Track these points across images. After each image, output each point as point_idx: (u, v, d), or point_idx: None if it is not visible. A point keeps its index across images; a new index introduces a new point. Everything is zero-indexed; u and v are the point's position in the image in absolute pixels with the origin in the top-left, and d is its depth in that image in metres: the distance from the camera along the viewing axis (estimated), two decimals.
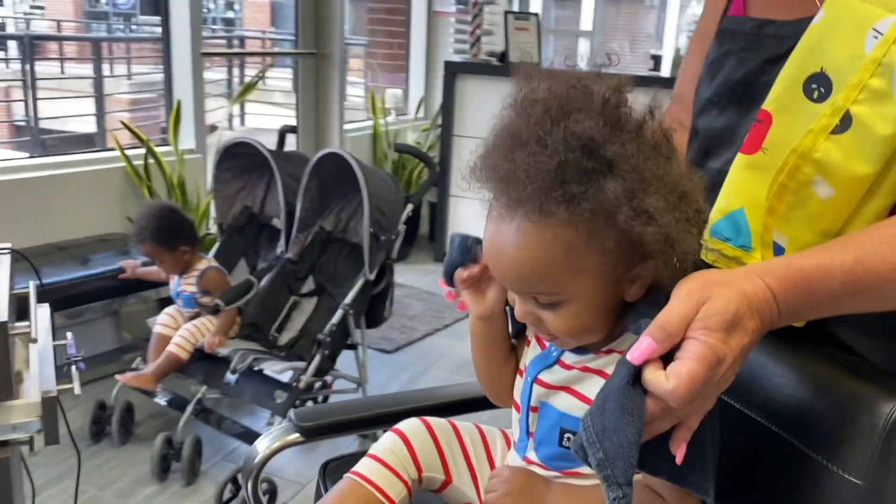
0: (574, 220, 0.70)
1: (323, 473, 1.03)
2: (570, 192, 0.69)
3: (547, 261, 0.72)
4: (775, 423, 0.81)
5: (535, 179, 0.69)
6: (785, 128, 0.80)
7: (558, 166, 0.69)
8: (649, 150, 0.70)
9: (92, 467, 2.14)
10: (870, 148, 0.74)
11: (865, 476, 0.72)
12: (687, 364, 0.63)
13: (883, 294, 0.68)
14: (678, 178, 0.72)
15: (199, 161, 3.14)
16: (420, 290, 3.74)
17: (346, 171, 2.34)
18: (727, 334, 0.65)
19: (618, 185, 0.68)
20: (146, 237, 2.24)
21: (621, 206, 0.68)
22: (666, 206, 0.69)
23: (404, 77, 4.85)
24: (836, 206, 0.77)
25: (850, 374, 0.78)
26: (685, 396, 0.63)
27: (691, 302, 0.66)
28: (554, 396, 0.84)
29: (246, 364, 2.13)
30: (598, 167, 0.69)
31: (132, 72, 7.00)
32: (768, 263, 0.70)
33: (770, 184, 0.80)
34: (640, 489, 0.79)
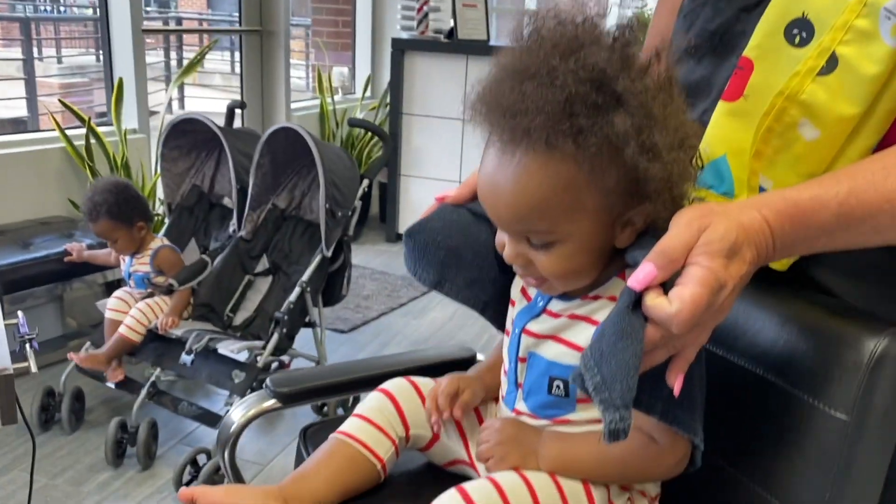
0: (579, 155, 0.69)
1: (303, 438, 1.01)
2: (579, 124, 0.68)
3: (546, 197, 0.71)
4: (760, 366, 0.83)
5: (544, 111, 0.68)
6: (766, 74, 0.81)
7: (567, 99, 0.68)
8: (656, 90, 0.70)
9: (41, 456, 2.06)
10: (855, 88, 0.75)
11: (851, 412, 0.74)
12: (690, 288, 0.63)
13: (874, 226, 0.69)
14: (679, 124, 0.72)
15: (143, 141, 3.04)
16: (373, 271, 3.72)
17: (300, 146, 2.30)
18: (728, 260, 0.65)
19: (626, 120, 0.68)
20: (101, 213, 2.15)
21: (629, 140, 0.68)
22: (672, 145, 0.70)
23: (350, 55, 4.78)
24: (821, 148, 0.78)
25: (832, 315, 0.80)
26: (688, 320, 0.63)
27: (691, 229, 0.66)
28: (542, 346, 0.84)
29: (202, 344, 2.08)
30: (607, 101, 0.69)
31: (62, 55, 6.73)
32: (763, 197, 0.71)
33: (756, 127, 0.81)
34: (633, 434, 0.79)
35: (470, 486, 0.77)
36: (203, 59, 3.09)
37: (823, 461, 0.76)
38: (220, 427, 1.02)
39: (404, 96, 3.93)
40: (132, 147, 2.91)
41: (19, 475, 1.98)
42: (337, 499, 0.89)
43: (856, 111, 0.75)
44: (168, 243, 2.32)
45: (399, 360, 1.08)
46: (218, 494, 0.85)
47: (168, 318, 2.15)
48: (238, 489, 0.88)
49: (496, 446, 0.83)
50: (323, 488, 0.88)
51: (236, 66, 6.08)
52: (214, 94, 6.84)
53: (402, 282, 3.57)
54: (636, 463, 0.80)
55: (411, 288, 3.50)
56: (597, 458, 0.81)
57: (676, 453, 0.78)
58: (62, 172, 2.77)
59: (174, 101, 6.91)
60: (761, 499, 0.81)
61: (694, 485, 0.87)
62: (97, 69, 4.33)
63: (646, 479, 0.84)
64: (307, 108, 4.24)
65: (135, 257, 2.26)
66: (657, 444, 0.78)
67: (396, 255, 3.99)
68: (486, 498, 0.76)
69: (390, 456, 0.92)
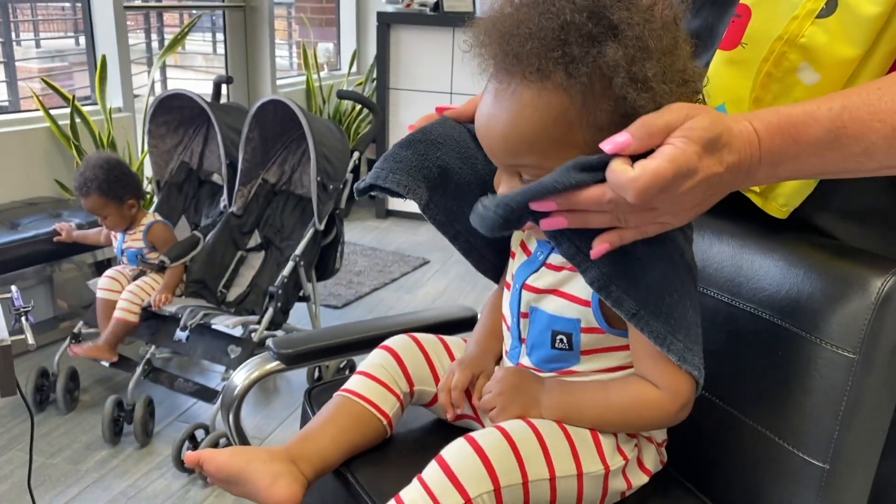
0: (570, 85, 0.69)
1: (308, 398, 1.01)
2: (571, 53, 0.68)
3: (537, 129, 0.71)
4: (767, 310, 0.83)
5: (537, 37, 0.68)
6: (764, 20, 0.80)
7: (562, 27, 0.68)
8: (657, 25, 0.70)
9: (38, 436, 2.05)
10: (855, 29, 0.74)
11: (858, 350, 0.74)
12: (657, 160, 0.63)
13: (865, 147, 0.67)
14: (682, 65, 0.72)
15: (129, 120, 3.00)
16: (365, 247, 3.71)
17: (289, 119, 2.28)
18: (705, 150, 0.64)
19: (619, 51, 0.67)
20: (92, 189, 2.13)
21: (619, 70, 0.67)
22: (665, 79, 0.69)
23: (335, 31, 4.73)
24: (821, 92, 0.77)
25: (838, 256, 0.80)
26: (644, 189, 0.62)
27: (678, 114, 0.65)
28: (543, 300, 0.84)
29: (196, 320, 2.07)
30: (602, 32, 0.68)
31: (41, 38, 6.62)
32: (757, 111, 0.69)
33: (756, 73, 0.80)
34: (635, 381, 0.80)
35: (478, 435, 0.77)
36: (186, 35, 3.05)
37: (831, 400, 0.76)
38: (224, 391, 1.01)
39: (391, 71, 3.90)
40: (118, 126, 2.88)
41: (17, 455, 1.97)
42: (343, 456, 0.89)
43: (856, 53, 0.75)
44: (160, 219, 2.31)
45: (401, 321, 1.08)
46: (224, 456, 0.84)
47: (161, 294, 2.14)
48: (244, 450, 0.87)
49: (498, 396, 0.83)
50: (329, 446, 0.88)
51: (219, 46, 6.00)
52: (197, 75, 6.76)
53: (393, 257, 3.56)
54: (638, 410, 0.79)
55: (403, 263, 3.50)
56: (598, 406, 0.81)
57: (679, 399, 0.77)
58: (48, 153, 2.74)
59: (157, 84, 6.83)
60: (769, 442, 0.81)
61: (701, 431, 0.88)
62: (76, 52, 4.26)
63: (648, 426, 0.84)
64: (293, 84, 4.20)
65: (127, 233, 2.24)
66: (659, 391, 0.78)
67: (387, 231, 3.98)
68: (496, 446, 0.76)
69: (395, 412, 0.92)
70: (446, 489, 0.73)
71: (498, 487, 0.74)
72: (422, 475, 0.76)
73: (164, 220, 2.33)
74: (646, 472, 0.86)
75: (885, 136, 0.65)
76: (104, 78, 2.83)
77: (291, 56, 5.44)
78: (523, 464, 0.75)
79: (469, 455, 0.75)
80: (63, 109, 2.75)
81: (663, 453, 0.89)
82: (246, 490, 0.84)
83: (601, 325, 0.80)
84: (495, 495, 0.74)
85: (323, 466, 0.87)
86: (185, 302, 2.21)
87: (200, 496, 1.85)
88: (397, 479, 0.78)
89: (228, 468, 0.83)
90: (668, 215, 0.68)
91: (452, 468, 0.74)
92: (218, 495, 1.85)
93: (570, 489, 0.79)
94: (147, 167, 2.60)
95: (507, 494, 0.75)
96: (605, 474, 0.80)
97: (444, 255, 3.63)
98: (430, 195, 0.86)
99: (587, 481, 0.79)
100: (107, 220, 2.21)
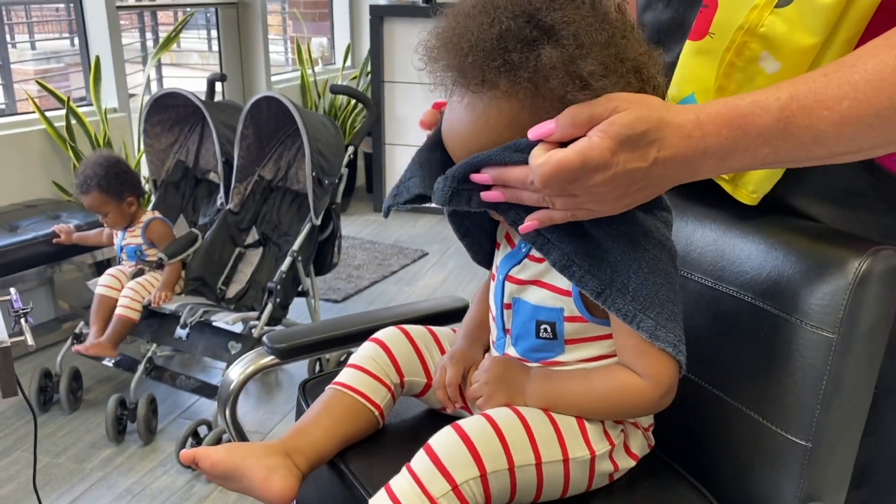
0: (517, 91, 0.70)
1: (303, 391, 1.02)
2: (511, 60, 0.69)
3: (493, 136, 0.73)
4: (748, 293, 0.84)
5: (478, 48, 0.70)
6: (730, 10, 0.81)
7: (500, 35, 0.69)
8: (594, 20, 0.70)
9: (43, 436, 2.07)
10: (813, 18, 0.75)
11: (837, 329, 0.76)
12: (565, 151, 0.65)
13: (815, 135, 0.66)
14: (634, 54, 0.72)
15: (124, 120, 3.01)
16: (363, 241, 3.72)
17: (283, 115, 2.29)
18: (621, 146, 0.65)
19: (555, 52, 0.69)
20: (92, 187, 2.15)
21: (557, 71, 0.69)
22: (608, 71, 0.70)
23: (329, 25, 4.73)
24: (782, 80, 0.78)
25: (816, 238, 0.81)
26: (547, 177, 0.66)
27: (606, 107, 0.66)
28: (525, 291, 0.85)
29: (196, 317, 2.08)
30: (538, 35, 0.70)
31: (35, 39, 6.61)
32: (705, 104, 0.70)
33: (718, 63, 0.81)
34: (617, 369, 0.81)
35: (464, 423, 0.78)
36: (180, 33, 3.06)
37: (812, 380, 0.77)
38: (220, 386, 1.03)
39: (385, 64, 3.90)
40: (113, 126, 2.89)
41: (21, 455, 1.99)
42: (337, 448, 0.91)
43: (814, 41, 0.75)
44: (159, 216, 2.33)
45: (394, 313, 1.09)
46: (219, 453, 0.86)
47: (160, 292, 2.15)
48: (239, 447, 0.88)
49: (484, 385, 0.85)
50: (323, 438, 0.89)
51: (213, 43, 6.00)
52: (193, 72, 6.76)
53: (391, 250, 3.58)
54: (620, 398, 0.80)
55: (401, 256, 3.51)
56: (581, 394, 0.82)
57: (660, 387, 0.78)
58: (45, 155, 2.75)
59: (152, 82, 6.83)
60: (753, 422, 0.83)
61: (687, 413, 0.89)
62: (72, 53, 4.26)
63: (631, 414, 0.85)
64: (288, 80, 4.20)
65: (127, 231, 2.26)
66: (641, 380, 0.79)
67: (385, 225, 3.99)
68: (481, 432, 0.77)
69: (387, 403, 0.93)
70: (433, 476, 0.75)
71: (484, 473, 0.75)
72: (410, 464, 0.77)
73: (163, 217, 2.34)
74: (633, 456, 0.87)
75: (834, 124, 0.65)
76: (98, 79, 2.84)
77: (286, 52, 5.44)
78: (509, 450, 0.77)
79: (455, 442, 0.76)
80: (59, 111, 2.76)
81: (650, 437, 0.91)
82: (242, 485, 0.85)
83: (583, 313, 0.81)
84: (482, 481, 0.76)
85: (317, 459, 0.89)
86: (184, 300, 2.23)
87: (205, 492, 1.87)
88: (389, 467, 0.80)
89: (224, 464, 0.85)
90: (591, 203, 0.69)
91: (439, 455, 0.75)
92: (222, 491, 1.87)
93: (557, 474, 0.80)
94: (144, 167, 2.61)
95: (493, 480, 0.76)
96: (592, 459, 0.82)
97: (442, 246, 3.65)
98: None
99: (573, 466, 0.80)
100: (107, 218, 2.23)
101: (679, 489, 0.89)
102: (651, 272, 0.75)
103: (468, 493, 0.75)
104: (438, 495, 0.74)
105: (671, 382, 0.79)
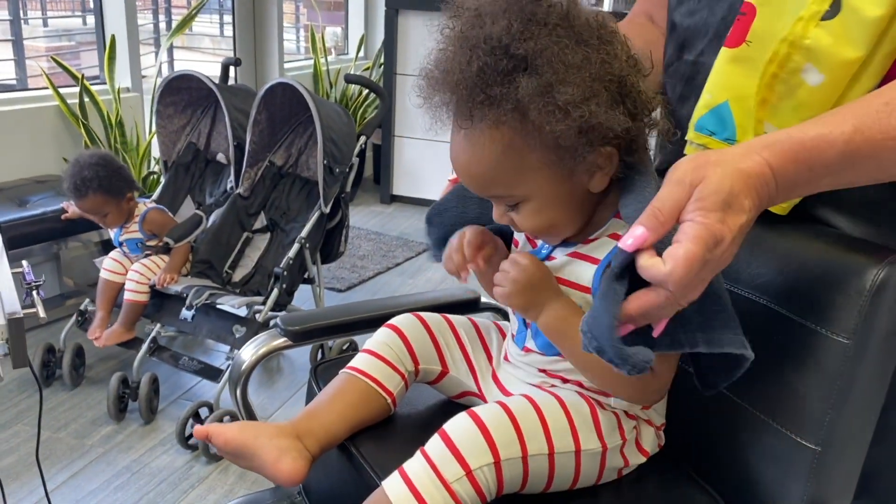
0: (503, 121, 0.72)
1: (314, 375, 1.03)
2: (493, 94, 0.71)
3: (493, 165, 0.74)
4: (764, 296, 0.84)
5: (460, 86, 0.72)
6: (769, 19, 0.81)
7: (479, 71, 0.71)
8: (568, 41, 0.71)
9: (45, 410, 2.08)
10: (859, 31, 0.75)
11: (853, 335, 0.76)
12: (684, 246, 0.62)
13: (878, 163, 0.68)
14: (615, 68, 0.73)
15: (136, 100, 3.02)
16: (369, 231, 3.73)
17: (296, 102, 2.29)
18: (724, 213, 0.63)
19: (532, 82, 0.70)
20: (93, 189, 2.10)
21: (534, 102, 0.70)
22: (585, 98, 0.70)
23: (343, 15, 4.73)
24: (824, 93, 0.79)
25: (834, 244, 0.82)
26: (683, 278, 0.62)
27: (683, 186, 0.64)
28: None
29: (202, 299, 2.09)
30: (515, 65, 0.71)
31: (48, 16, 6.61)
32: (767, 137, 0.69)
33: (761, 74, 0.81)
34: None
35: (480, 409, 0.79)
36: (196, 15, 3.06)
37: (824, 384, 0.78)
38: (231, 366, 1.03)
39: (398, 56, 3.91)
40: (125, 105, 2.89)
41: (23, 429, 2.00)
42: (348, 432, 0.92)
43: (859, 54, 0.76)
44: (153, 205, 2.30)
45: (405, 301, 1.10)
46: (232, 431, 0.87)
47: (166, 274, 2.16)
48: (251, 425, 0.89)
49: (511, 282, 0.82)
50: (334, 422, 0.90)
51: (226, 28, 5.99)
52: (204, 56, 6.76)
53: (396, 242, 3.58)
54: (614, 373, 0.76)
55: (406, 248, 3.51)
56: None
57: (661, 378, 0.80)
58: (56, 131, 2.76)
59: (164, 65, 6.84)
60: (764, 424, 0.83)
61: (697, 414, 0.90)
62: (83, 31, 4.25)
63: (615, 390, 0.83)
64: (300, 68, 4.20)
65: (123, 227, 2.23)
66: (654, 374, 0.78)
67: (391, 216, 4.00)
68: (497, 420, 0.78)
69: (399, 390, 0.94)
70: (448, 461, 0.75)
71: (498, 460, 0.76)
72: (424, 448, 0.78)
73: (158, 205, 2.33)
74: (643, 453, 0.88)
75: None
76: (113, 58, 2.84)
77: (298, 40, 5.44)
78: (523, 438, 0.78)
79: (470, 428, 0.77)
80: (70, 88, 2.76)
81: (661, 436, 0.91)
82: (253, 464, 0.86)
83: None
84: (495, 468, 0.76)
85: (328, 442, 0.90)
86: (190, 282, 2.23)
87: (204, 472, 1.87)
88: (400, 452, 0.80)
89: (237, 442, 0.86)
90: (712, 273, 0.67)
91: (454, 440, 0.76)
92: (221, 471, 1.88)
93: (568, 465, 0.81)
94: (154, 148, 2.62)
95: (506, 467, 0.77)
96: (603, 452, 0.82)
97: None
98: None
99: (585, 458, 0.81)
100: (106, 219, 2.19)
101: (686, 488, 0.90)
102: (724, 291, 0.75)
103: (481, 479, 0.76)
104: (452, 480, 0.75)
105: (667, 379, 0.80)
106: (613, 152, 0.75)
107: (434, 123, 0.78)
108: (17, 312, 1.15)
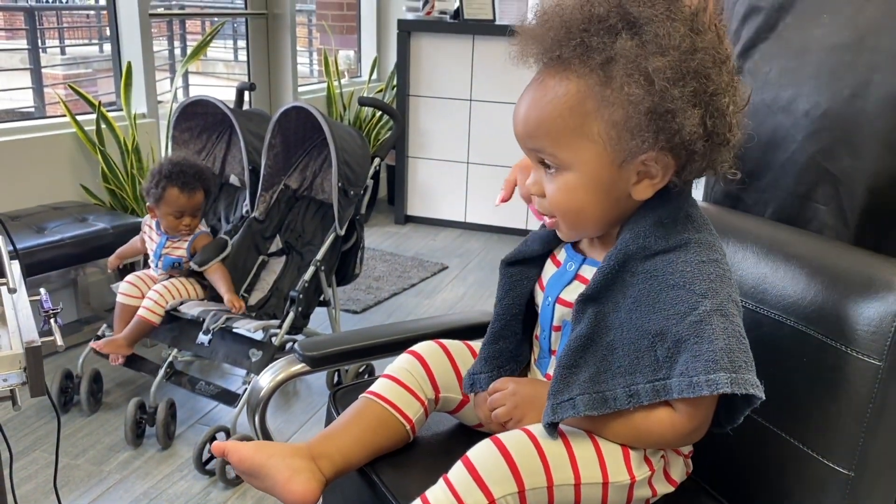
0: (586, 75, 0.72)
1: (333, 400, 1.02)
2: (588, 43, 0.71)
3: (553, 115, 0.74)
4: (791, 317, 0.83)
5: (564, 27, 0.72)
6: None
7: (588, 18, 0.72)
8: (682, 26, 0.71)
9: (62, 437, 2.07)
10: None
11: (884, 356, 0.75)
12: None
13: None
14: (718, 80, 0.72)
15: (153, 126, 3.04)
16: (384, 252, 3.72)
17: (311, 126, 2.30)
18: None
19: (630, 43, 0.70)
20: (199, 185, 2.17)
21: (624, 60, 0.70)
22: (675, 79, 0.70)
23: (356, 38, 4.77)
24: None
25: (862, 262, 0.80)
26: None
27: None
28: None
29: (219, 324, 2.09)
30: (622, 26, 0.71)
31: (65, 45, 6.70)
32: None
33: None
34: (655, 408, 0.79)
35: (504, 437, 0.77)
36: (211, 41, 3.09)
37: (857, 407, 0.76)
38: (250, 392, 1.02)
39: (411, 78, 3.92)
40: (142, 131, 2.92)
41: (41, 455, 2.00)
42: (365, 457, 0.90)
43: None
44: (205, 228, 2.32)
45: (424, 325, 1.09)
46: (248, 449, 0.86)
47: (230, 303, 2.16)
48: (268, 445, 0.88)
49: (513, 410, 0.84)
50: (351, 446, 0.89)
51: (240, 53, 6.04)
52: (218, 81, 6.82)
53: (411, 263, 3.58)
54: (650, 428, 0.78)
55: (421, 269, 3.51)
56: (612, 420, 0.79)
57: (694, 420, 0.77)
58: (73, 158, 2.78)
59: (179, 91, 6.91)
60: (794, 449, 0.81)
61: (725, 440, 0.87)
62: (100, 59, 4.30)
63: (657, 444, 0.82)
64: (314, 91, 4.23)
65: (170, 239, 2.24)
66: (673, 412, 0.77)
67: (405, 237, 3.99)
68: (521, 447, 0.76)
69: (419, 417, 0.92)
70: (471, 489, 0.74)
71: (522, 489, 0.75)
72: (447, 475, 0.76)
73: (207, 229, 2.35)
74: (672, 482, 0.86)
75: None
76: (129, 84, 2.87)
77: (312, 63, 5.48)
78: (549, 467, 0.76)
79: (494, 456, 0.75)
80: (88, 116, 2.79)
81: (689, 464, 0.89)
82: (266, 484, 0.85)
83: None
84: (519, 497, 0.75)
85: (344, 465, 0.88)
86: (206, 306, 2.23)
87: (221, 498, 1.86)
88: (421, 480, 0.79)
89: (252, 460, 0.85)
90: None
91: (478, 469, 0.75)
92: (239, 497, 1.86)
93: (595, 496, 0.79)
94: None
95: (531, 497, 0.75)
96: (631, 484, 0.80)
97: (462, 260, 3.64)
98: None
99: (612, 490, 0.79)
100: (184, 219, 2.20)
101: None
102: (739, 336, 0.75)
103: None
104: None
105: (706, 417, 0.77)
106: (671, 164, 0.74)
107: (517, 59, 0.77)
108: (35, 341, 1.15)
